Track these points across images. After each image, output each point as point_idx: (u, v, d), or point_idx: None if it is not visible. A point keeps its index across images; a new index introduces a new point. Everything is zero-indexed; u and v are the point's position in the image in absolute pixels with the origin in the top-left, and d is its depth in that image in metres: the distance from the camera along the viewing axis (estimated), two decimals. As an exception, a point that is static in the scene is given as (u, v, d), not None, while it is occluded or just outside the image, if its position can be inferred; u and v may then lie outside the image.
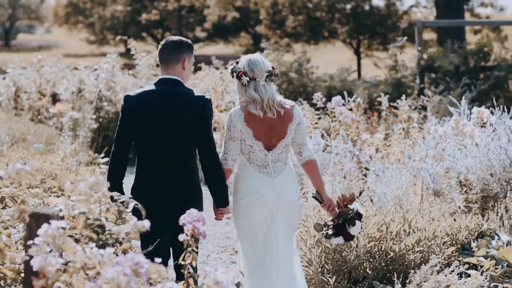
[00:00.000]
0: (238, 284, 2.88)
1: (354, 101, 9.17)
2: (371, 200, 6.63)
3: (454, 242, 5.76)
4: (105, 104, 12.57)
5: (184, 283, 3.07)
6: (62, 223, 2.79)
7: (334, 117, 8.59)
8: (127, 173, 4.58)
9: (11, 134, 10.62)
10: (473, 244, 5.67)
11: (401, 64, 15.84)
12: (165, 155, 4.49)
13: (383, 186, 6.52)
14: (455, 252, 5.65)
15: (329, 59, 30.42)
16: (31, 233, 2.88)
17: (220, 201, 4.66)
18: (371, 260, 5.49)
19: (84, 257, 2.76)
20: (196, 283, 3.10)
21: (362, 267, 5.48)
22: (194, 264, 3.10)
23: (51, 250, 2.73)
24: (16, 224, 3.45)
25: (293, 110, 4.73)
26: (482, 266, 5.37)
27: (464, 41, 19.15)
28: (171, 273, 4.56)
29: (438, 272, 5.24)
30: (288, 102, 4.76)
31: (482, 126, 7.69)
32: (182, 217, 3.15)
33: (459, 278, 5.21)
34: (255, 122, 4.67)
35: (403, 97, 11.04)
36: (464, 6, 24.74)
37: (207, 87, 13.17)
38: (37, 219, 2.92)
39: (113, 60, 13.01)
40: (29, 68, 14.44)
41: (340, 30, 29.91)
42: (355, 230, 4.96)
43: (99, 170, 8.77)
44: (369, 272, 5.44)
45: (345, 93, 9.47)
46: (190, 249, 3.10)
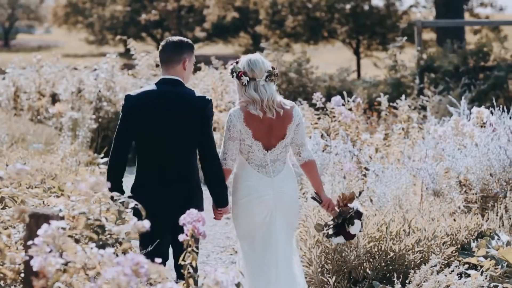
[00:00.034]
0: (238, 284, 2.88)
1: (354, 101, 9.17)
2: (371, 200, 6.63)
3: (454, 242, 5.75)
4: (105, 104, 12.57)
5: (184, 283, 3.07)
6: (62, 223, 2.79)
7: (334, 117, 8.58)
8: (127, 173, 4.58)
9: (10, 134, 10.61)
10: (473, 244, 5.67)
11: (401, 64, 15.84)
12: (165, 155, 4.49)
13: (383, 186, 6.52)
14: (455, 252, 5.64)
15: (328, 59, 30.41)
16: (31, 233, 2.88)
17: (220, 201, 4.67)
18: (371, 260, 5.49)
19: (84, 257, 2.76)
20: (196, 283, 3.10)
21: (362, 267, 5.47)
22: (194, 264, 3.10)
23: (51, 250, 2.73)
24: (16, 224, 3.45)
25: (292, 111, 4.73)
26: (482, 266, 5.37)
27: (463, 41, 19.16)
28: (171, 274, 4.55)
29: (438, 272, 5.24)
30: (288, 103, 4.76)
31: (481, 126, 7.69)
32: (182, 217, 3.15)
33: (459, 278, 5.20)
34: (255, 122, 4.67)
35: (402, 97, 11.04)
36: (464, 6, 24.74)
37: (206, 87, 13.16)
38: (37, 219, 2.92)
39: (112, 60, 13.00)
40: (29, 68, 14.42)
41: (340, 30, 29.91)
42: (356, 229, 4.96)
43: (99, 170, 8.77)
44: (369, 272, 5.44)
45: (344, 93, 9.47)
46: (190, 249, 3.10)
